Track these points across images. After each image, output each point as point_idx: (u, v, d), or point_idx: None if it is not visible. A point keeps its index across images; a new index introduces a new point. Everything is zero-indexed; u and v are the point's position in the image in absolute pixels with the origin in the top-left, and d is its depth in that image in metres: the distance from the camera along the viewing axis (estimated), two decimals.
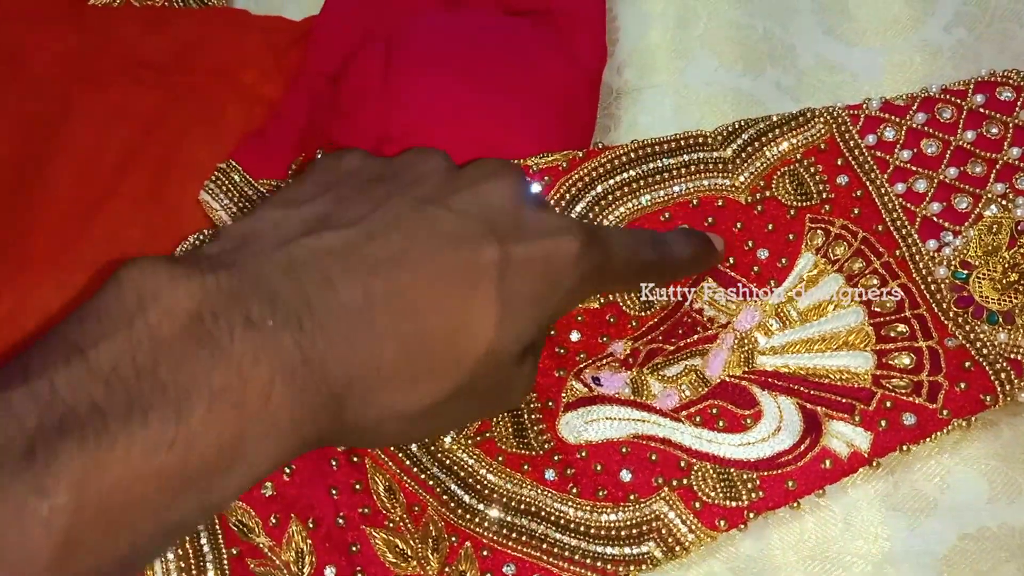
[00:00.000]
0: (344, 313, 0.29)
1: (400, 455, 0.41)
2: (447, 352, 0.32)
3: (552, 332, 0.42)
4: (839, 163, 0.45)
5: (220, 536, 0.39)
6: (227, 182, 0.47)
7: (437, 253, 0.31)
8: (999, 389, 0.40)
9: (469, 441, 0.41)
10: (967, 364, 0.41)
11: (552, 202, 0.44)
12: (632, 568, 0.39)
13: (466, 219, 0.32)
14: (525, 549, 0.39)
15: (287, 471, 0.40)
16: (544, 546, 0.39)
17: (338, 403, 0.30)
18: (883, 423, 0.40)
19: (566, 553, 0.39)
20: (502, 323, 0.32)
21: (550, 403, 0.42)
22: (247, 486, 0.29)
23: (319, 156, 0.42)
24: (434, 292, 0.31)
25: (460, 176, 0.34)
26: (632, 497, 0.40)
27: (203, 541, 0.39)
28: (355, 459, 0.41)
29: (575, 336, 0.43)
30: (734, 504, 0.39)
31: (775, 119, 0.45)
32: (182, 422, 0.25)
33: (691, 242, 0.41)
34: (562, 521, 0.40)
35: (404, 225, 0.32)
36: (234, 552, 0.39)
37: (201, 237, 0.45)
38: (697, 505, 0.40)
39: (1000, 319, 0.41)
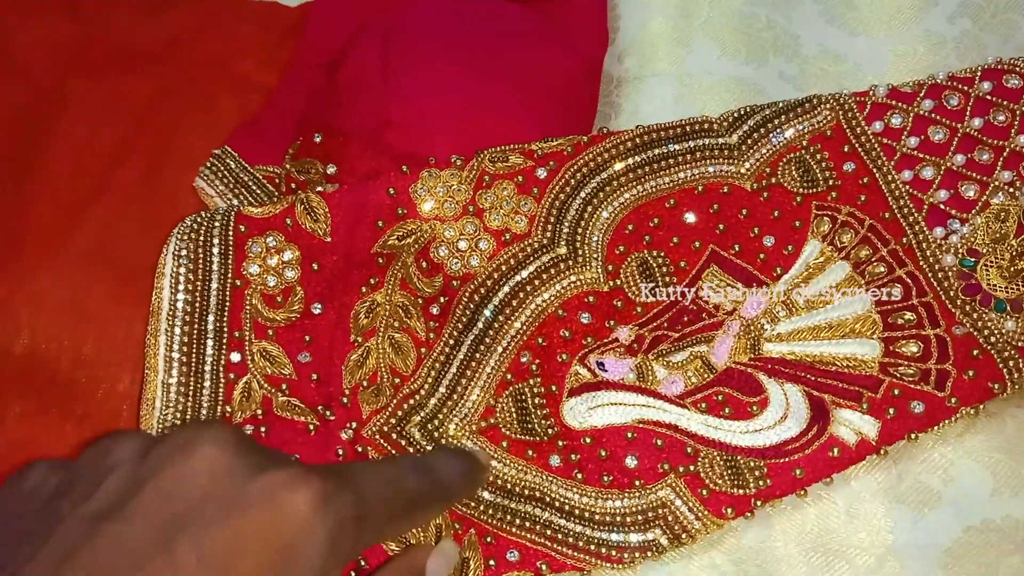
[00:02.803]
0: None
1: (403, 442, 0.40)
2: None
3: (562, 312, 0.42)
4: (845, 150, 0.44)
5: None
6: (222, 168, 0.46)
7: None
8: (1007, 377, 0.40)
9: (473, 428, 0.41)
10: (975, 352, 0.40)
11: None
12: (637, 555, 0.38)
13: (147, 527, 0.26)
14: (529, 535, 0.39)
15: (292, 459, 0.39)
16: (548, 532, 0.39)
17: None
18: (891, 411, 0.40)
19: (570, 539, 0.39)
20: None
21: (554, 388, 0.41)
22: None
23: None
24: None
25: (146, 467, 0.28)
26: (638, 483, 0.39)
27: None
28: (359, 448, 0.40)
29: (585, 318, 0.42)
30: (741, 492, 0.39)
31: (781, 105, 0.45)
32: None
33: (457, 461, 0.35)
34: (567, 507, 0.39)
35: (76, 556, 0.26)
36: None
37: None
38: (704, 493, 0.39)
39: (1008, 307, 0.41)
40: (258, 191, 0.46)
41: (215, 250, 0.43)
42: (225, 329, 0.42)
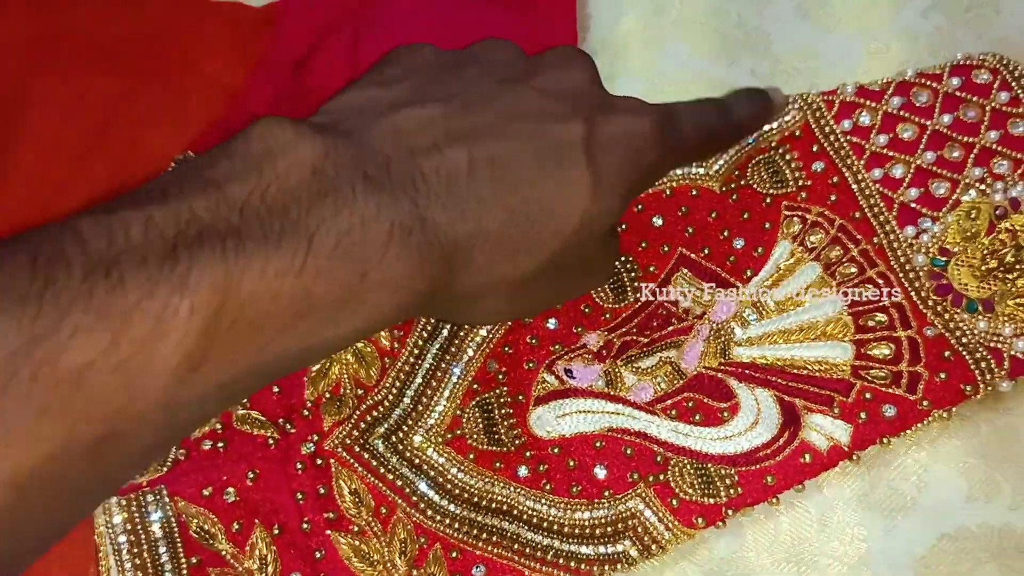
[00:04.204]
0: (452, 179, 0.30)
1: (367, 455, 0.39)
2: (545, 223, 0.32)
3: (528, 319, 0.42)
4: (814, 150, 0.43)
5: (180, 545, 0.38)
6: None
7: (529, 127, 0.32)
8: (979, 379, 0.39)
9: (440, 439, 0.40)
10: (947, 354, 0.40)
11: None
12: (607, 568, 0.38)
13: (550, 98, 0.33)
14: (496, 550, 0.38)
15: (250, 476, 0.39)
16: (516, 546, 0.38)
17: (448, 265, 0.30)
18: (863, 415, 0.39)
19: (538, 553, 0.38)
20: (595, 195, 0.32)
21: (520, 397, 0.40)
22: (368, 330, 0.29)
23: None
24: (529, 164, 0.31)
25: (537, 61, 0.34)
26: (607, 494, 0.39)
27: (162, 551, 0.37)
28: (319, 462, 0.39)
29: (552, 324, 0.41)
30: (712, 501, 0.38)
31: None
32: (311, 254, 0.26)
33: (751, 103, 0.41)
34: (535, 520, 0.39)
35: (495, 101, 0.32)
36: (194, 561, 0.38)
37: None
38: (674, 502, 0.38)
39: (979, 307, 0.40)
40: None
41: None
42: None
